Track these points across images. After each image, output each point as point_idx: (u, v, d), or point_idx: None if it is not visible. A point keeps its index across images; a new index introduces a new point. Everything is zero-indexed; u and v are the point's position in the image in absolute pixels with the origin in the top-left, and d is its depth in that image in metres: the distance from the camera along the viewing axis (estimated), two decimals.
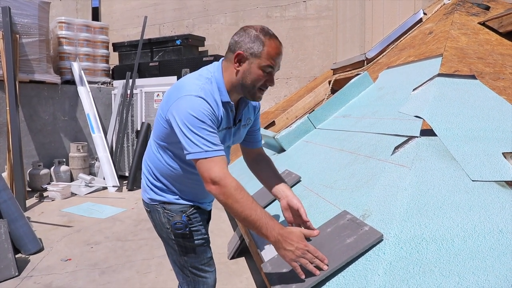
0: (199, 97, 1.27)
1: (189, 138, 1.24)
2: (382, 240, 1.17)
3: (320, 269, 1.14)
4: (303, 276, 1.14)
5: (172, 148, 1.44)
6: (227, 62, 1.40)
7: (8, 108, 4.84)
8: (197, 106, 1.26)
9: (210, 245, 1.65)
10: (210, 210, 1.71)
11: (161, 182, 1.53)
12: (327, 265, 1.15)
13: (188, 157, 1.26)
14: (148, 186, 1.56)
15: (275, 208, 2.01)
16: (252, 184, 2.68)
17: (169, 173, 1.49)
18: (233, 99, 1.42)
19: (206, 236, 1.60)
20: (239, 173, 3.22)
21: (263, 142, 3.68)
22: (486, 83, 2.11)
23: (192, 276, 1.57)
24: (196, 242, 1.54)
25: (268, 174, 1.64)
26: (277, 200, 1.61)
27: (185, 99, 1.27)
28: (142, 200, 1.64)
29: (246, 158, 1.76)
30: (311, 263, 1.14)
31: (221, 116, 1.36)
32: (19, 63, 5.25)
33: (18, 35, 5.24)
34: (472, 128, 1.70)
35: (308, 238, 1.29)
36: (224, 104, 1.37)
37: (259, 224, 1.18)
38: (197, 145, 1.23)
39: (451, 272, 1.06)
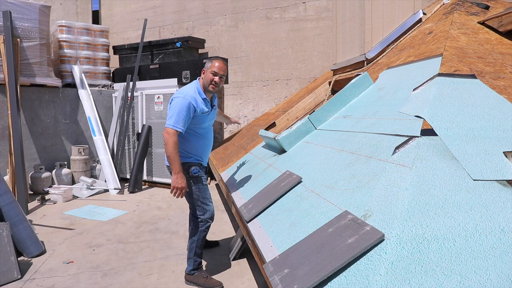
0: (187, 99, 2.51)
1: (173, 116, 2.47)
2: (384, 240, 1.18)
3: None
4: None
5: (190, 125, 2.60)
6: (201, 77, 2.67)
7: (9, 111, 4.85)
8: (185, 103, 2.49)
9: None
10: (207, 166, 2.88)
11: (182, 149, 2.65)
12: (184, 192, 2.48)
13: (166, 124, 2.47)
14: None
15: (275, 208, 2.01)
16: (253, 185, 2.68)
17: (185, 142, 2.64)
18: (207, 95, 2.65)
19: (206, 181, 2.73)
20: (241, 175, 3.22)
21: (263, 143, 3.70)
22: (486, 82, 2.11)
23: (202, 205, 2.67)
24: (203, 182, 2.69)
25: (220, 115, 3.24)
26: (277, 201, 2.12)
27: (182, 99, 2.51)
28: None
29: None
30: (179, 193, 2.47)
31: (199, 106, 2.56)
32: (20, 66, 5.26)
33: (19, 39, 5.26)
34: (472, 128, 1.70)
35: (309, 239, 1.30)
36: (204, 99, 2.61)
37: (174, 159, 2.43)
38: (174, 120, 2.46)
39: (453, 271, 1.06)
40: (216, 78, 2.58)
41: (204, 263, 2.99)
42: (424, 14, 3.84)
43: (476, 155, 1.53)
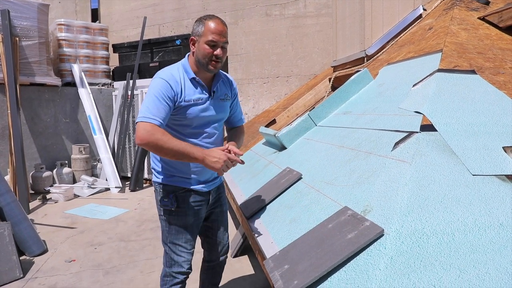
0: (161, 78, 1.63)
1: (143, 105, 1.58)
2: (383, 235, 1.18)
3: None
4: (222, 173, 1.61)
5: (171, 122, 1.69)
6: (191, 51, 1.72)
7: (9, 111, 4.86)
8: (158, 84, 1.61)
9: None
10: (210, 191, 1.87)
11: (156, 164, 1.81)
12: (242, 160, 1.60)
13: (136, 120, 1.58)
14: (152, 169, 1.85)
15: (276, 205, 2.02)
16: (253, 182, 2.69)
17: None
18: (202, 76, 1.71)
19: (193, 218, 1.80)
20: (242, 172, 3.22)
21: (264, 140, 3.68)
22: (486, 77, 2.11)
23: (169, 252, 1.82)
24: (180, 220, 1.78)
25: (232, 135, 1.97)
26: (277, 198, 2.04)
27: (156, 79, 1.65)
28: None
29: (227, 129, 2.06)
30: (233, 164, 1.58)
31: (183, 91, 1.65)
32: (19, 66, 5.27)
33: (18, 38, 5.26)
34: (472, 123, 1.70)
35: (309, 235, 1.30)
36: (191, 80, 1.69)
37: (187, 152, 1.52)
38: (144, 110, 1.56)
39: (452, 265, 1.07)
40: (218, 51, 1.61)
41: None
42: (424, 10, 3.83)
43: (475, 150, 1.53)
